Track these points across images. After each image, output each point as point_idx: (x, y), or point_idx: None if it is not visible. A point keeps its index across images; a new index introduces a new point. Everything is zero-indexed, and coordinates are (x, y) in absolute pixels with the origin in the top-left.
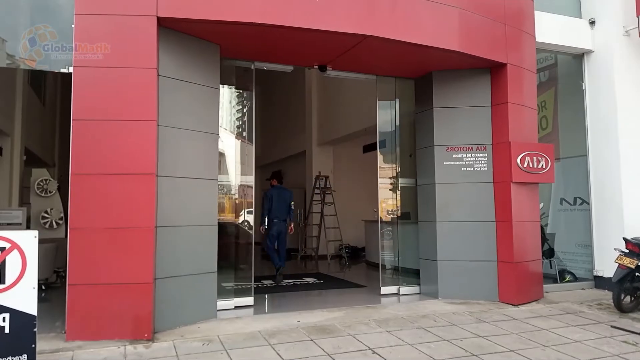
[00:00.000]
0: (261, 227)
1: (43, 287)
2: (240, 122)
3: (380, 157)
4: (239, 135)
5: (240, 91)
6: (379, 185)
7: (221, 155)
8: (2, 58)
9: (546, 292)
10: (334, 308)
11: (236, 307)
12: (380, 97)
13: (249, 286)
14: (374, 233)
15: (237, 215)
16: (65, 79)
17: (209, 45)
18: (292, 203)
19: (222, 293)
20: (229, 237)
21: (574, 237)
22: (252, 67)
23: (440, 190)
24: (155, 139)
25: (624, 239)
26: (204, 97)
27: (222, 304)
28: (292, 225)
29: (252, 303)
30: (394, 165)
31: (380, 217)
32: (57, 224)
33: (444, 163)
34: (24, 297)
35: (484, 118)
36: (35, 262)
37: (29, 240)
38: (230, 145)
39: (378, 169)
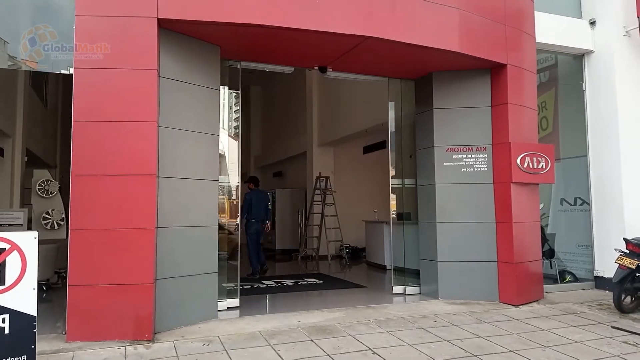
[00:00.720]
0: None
1: (44, 288)
2: (232, 123)
3: (382, 158)
4: (235, 136)
5: (234, 91)
6: (390, 185)
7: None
8: (4, 59)
9: (546, 292)
10: (334, 308)
11: (228, 308)
12: (387, 97)
13: (235, 287)
14: (374, 233)
15: (229, 217)
16: (67, 80)
17: (210, 46)
18: (269, 204)
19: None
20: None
21: (574, 238)
22: (239, 66)
23: (440, 190)
24: (155, 140)
25: (624, 239)
26: (204, 98)
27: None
28: (268, 224)
29: (237, 305)
30: (399, 166)
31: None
32: (59, 224)
33: (444, 164)
34: (24, 298)
35: (484, 119)
36: (35, 263)
37: (28, 241)
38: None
39: (390, 169)
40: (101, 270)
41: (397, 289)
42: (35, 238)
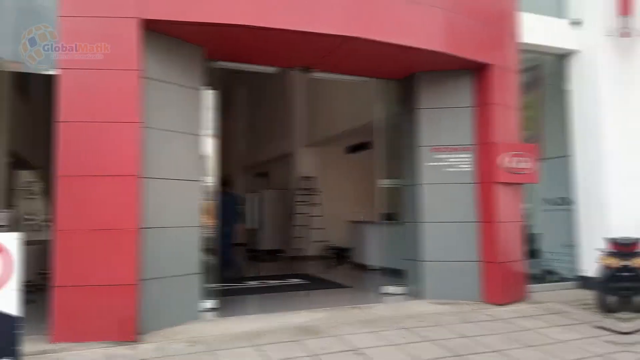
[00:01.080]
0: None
1: (28, 289)
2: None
3: (366, 158)
4: (215, 137)
5: (216, 92)
6: (379, 185)
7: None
8: None
9: (531, 292)
10: (319, 309)
11: (213, 309)
12: (371, 98)
13: (220, 288)
14: (359, 234)
15: (207, 218)
16: (53, 80)
17: (193, 47)
18: (239, 207)
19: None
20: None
21: (559, 237)
22: (217, 66)
23: (424, 190)
24: (139, 140)
25: (608, 239)
26: (188, 98)
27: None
28: (240, 227)
29: (219, 305)
30: (384, 166)
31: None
32: (43, 226)
33: (429, 164)
34: (8, 299)
35: (468, 119)
36: (19, 263)
37: (13, 242)
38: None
39: (381, 170)
40: (86, 271)
41: (384, 289)
42: (19, 239)
